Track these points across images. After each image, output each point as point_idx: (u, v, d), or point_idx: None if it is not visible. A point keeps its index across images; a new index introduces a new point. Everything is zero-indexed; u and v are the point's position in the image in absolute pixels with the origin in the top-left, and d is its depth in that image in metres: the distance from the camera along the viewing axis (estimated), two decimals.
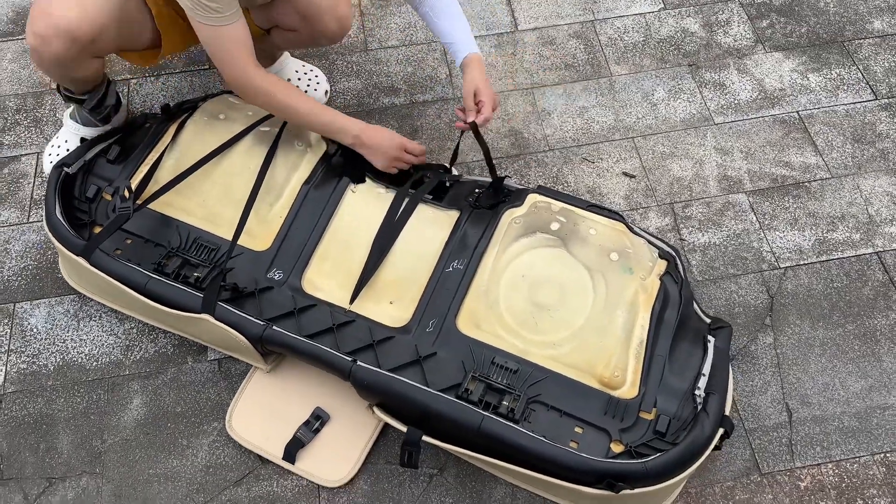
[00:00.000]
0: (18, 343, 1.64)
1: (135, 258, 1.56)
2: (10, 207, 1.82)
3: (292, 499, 1.46)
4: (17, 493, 1.48)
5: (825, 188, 1.81)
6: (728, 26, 2.10)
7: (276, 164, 1.68)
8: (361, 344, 1.47)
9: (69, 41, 1.46)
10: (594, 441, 1.37)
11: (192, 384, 1.59)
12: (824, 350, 1.60)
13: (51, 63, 1.50)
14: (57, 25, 1.44)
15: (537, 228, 1.58)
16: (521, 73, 2.03)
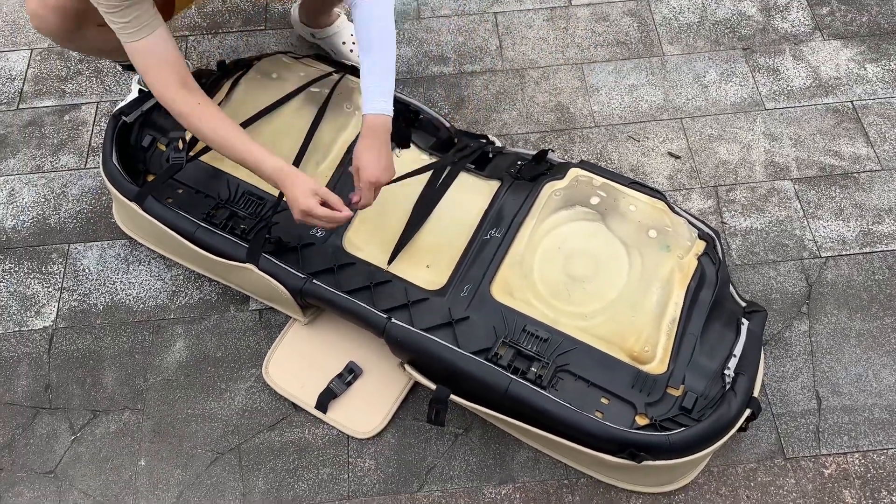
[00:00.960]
0: (71, 282, 1.72)
1: (185, 207, 1.61)
2: (69, 153, 1.90)
3: (322, 447, 1.52)
4: (64, 422, 1.56)
5: (874, 180, 1.79)
6: (787, 11, 2.07)
7: (324, 125, 1.72)
8: (397, 303, 1.51)
9: (61, 15, 1.50)
10: (619, 413, 1.39)
11: (233, 331, 1.65)
12: (860, 341, 1.59)
13: (56, 37, 1.55)
14: (45, 2, 1.49)
15: (577, 202, 1.59)
16: (571, 47, 2.03)
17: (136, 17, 1.36)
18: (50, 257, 1.75)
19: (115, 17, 1.35)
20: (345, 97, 1.76)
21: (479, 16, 2.10)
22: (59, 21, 1.52)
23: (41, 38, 2.08)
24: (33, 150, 1.90)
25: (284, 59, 1.84)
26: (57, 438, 1.54)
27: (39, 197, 1.83)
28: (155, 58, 1.40)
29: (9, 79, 2.02)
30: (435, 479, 1.48)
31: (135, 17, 1.36)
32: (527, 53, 2.03)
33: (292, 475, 1.49)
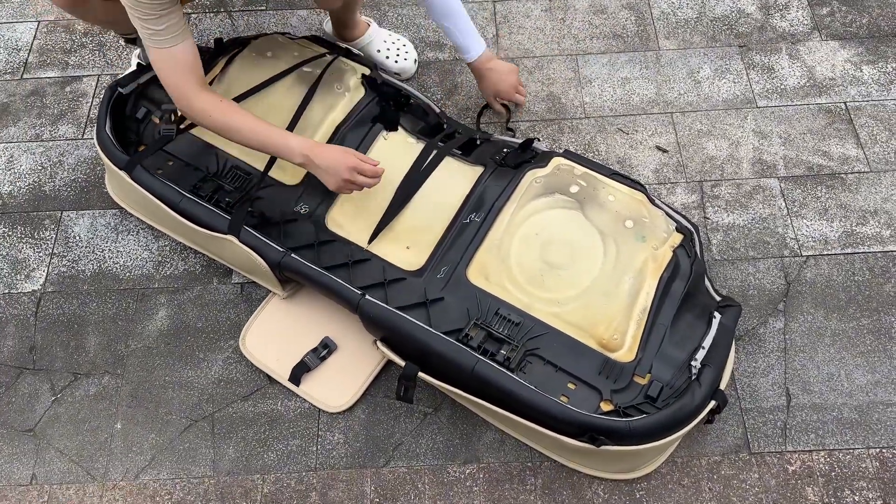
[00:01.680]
0: (61, 248, 1.76)
1: (173, 178, 1.64)
2: (68, 123, 1.94)
3: (293, 419, 1.54)
4: (46, 383, 1.60)
5: (861, 181, 1.78)
6: (786, 10, 2.06)
7: (314, 104, 1.74)
8: (373, 281, 1.53)
9: None
10: (585, 398, 1.40)
11: (214, 303, 1.68)
12: (834, 341, 1.59)
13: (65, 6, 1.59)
14: None
15: (556, 189, 1.61)
16: (567, 38, 2.04)
17: (168, 26, 1.41)
18: (43, 223, 1.79)
19: (149, 24, 1.39)
20: (336, 78, 1.78)
21: (478, 4, 2.11)
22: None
23: (49, 10, 2.13)
24: (34, 119, 1.94)
25: (280, 39, 1.86)
26: (38, 398, 1.58)
27: (37, 165, 1.87)
28: (181, 65, 1.45)
29: (14, 49, 2.06)
30: (401, 456, 1.50)
31: (167, 26, 1.40)
32: (522, 43, 2.04)
33: (262, 445, 1.52)
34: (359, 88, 1.77)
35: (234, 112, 1.49)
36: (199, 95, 1.47)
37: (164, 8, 1.39)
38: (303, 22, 2.09)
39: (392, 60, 1.95)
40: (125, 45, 2.03)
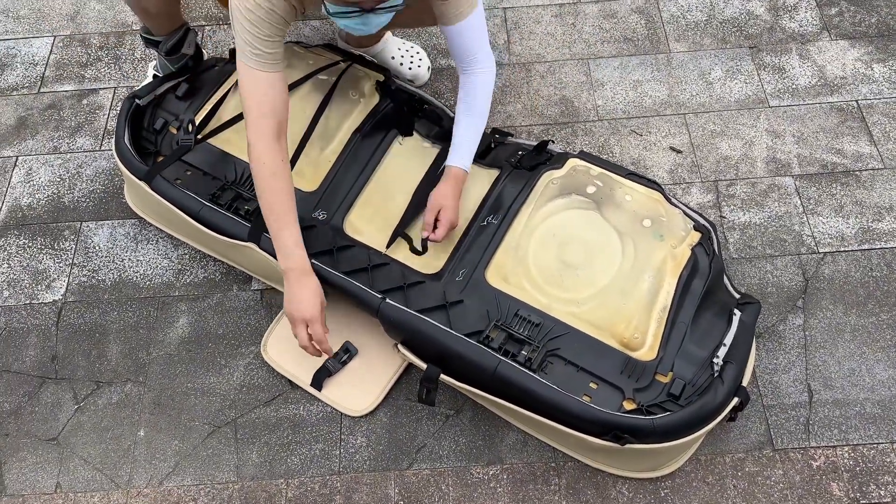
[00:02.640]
0: (81, 258, 1.77)
1: (192, 188, 1.66)
2: (86, 135, 1.96)
3: (316, 423, 1.55)
4: (68, 392, 1.61)
5: (876, 178, 1.78)
6: (795, 11, 2.07)
7: (330, 111, 1.76)
8: (393, 285, 1.54)
9: None
10: (607, 397, 1.41)
11: (234, 310, 1.69)
12: (854, 336, 1.59)
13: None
14: None
15: (573, 190, 1.62)
16: (578, 43, 2.05)
17: (276, 52, 1.41)
18: (62, 234, 1.81)
19: (262, 44, 1.39)
20: (351, 85, 1.80)
21: (488, 11, 2.13)
22: None
23: (64, 25, 2.16)
24: (52, 132, 1.97)
25: (295, 48, 1.88)
26: (61, 407, 1.59)
27: (55, 176, 1.89)
28: (268, 95, 1.42)
29: (32, 64, 2.09)
30: (424, 458, 1.51)
31: (275, 51, 1.41)
32: (534, 48, 2.05)
33: (285, 449, 1.53)
34: (373, 95, 1.79)
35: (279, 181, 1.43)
36: (265, 141, 1.42)
37: (281, 33, 1.41)
38: (315, 32, 2.11)
39: (406, 67, 1.97)
40: (143, 51, 2.06)
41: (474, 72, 1.59)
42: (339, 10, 1.34)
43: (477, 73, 1.59)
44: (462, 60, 1.58)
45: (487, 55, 1.59)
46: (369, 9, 1.32)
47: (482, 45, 1.58)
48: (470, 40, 1.55)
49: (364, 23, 1.38)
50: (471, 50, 1.56)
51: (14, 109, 2.01)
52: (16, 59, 2.10)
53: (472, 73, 1.59)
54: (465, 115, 1.60)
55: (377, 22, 1.39)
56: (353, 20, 1.37)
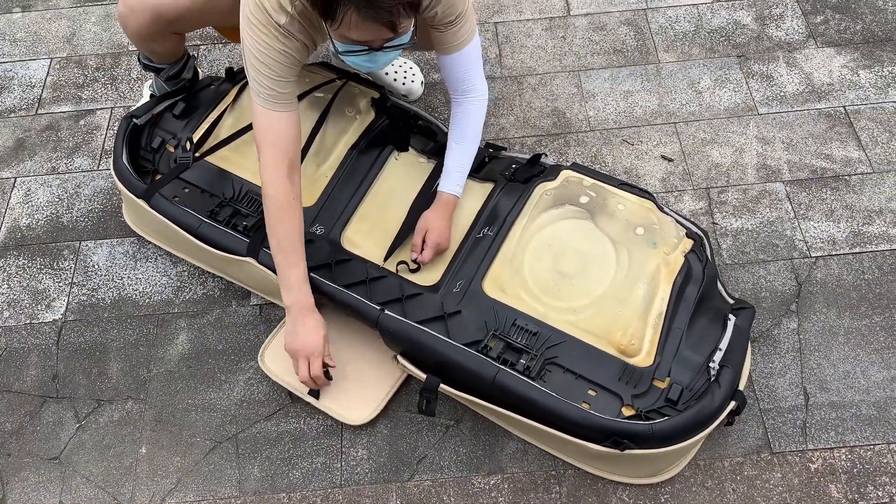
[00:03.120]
0: (81, 277, 1.78)
1: (191, 205, 1.67)
2: (83, 155, 1.97)
3: (316, 436, 1.56)
4: (69, 411, 1.61)
5: (865, 182, 1.81)
6: (781, 20, 2.11)
7: (326, 128, 1.78)
8: (391, 297, 1.55)
9: (154, 16, 1.58)
10: (606, 404, 1.42)
11: (234, 325, 1.70)
12: (848, 339, 1.60)
13: (134, 33, 1.63)
14: (146, 1, 1.57)
15: (566, 201, 1.64)
16: (569, 55, 2.08)
17: (290, 92, 1.44)
18: (62, 254, 1.82)
19: (276, 86, 1.41)
20: (347, 102, 1.82)
21: (480, 25, 2.16)
22: (148, 24, 1.60)
23: (60, 47, 2.18)
24: (49, 153, 1.98)
25: None
26: (62, 426, 1.60)
27: (54, 197, 1.91)
28: (282, 135, 1.44)
29: (29, 86, 2.11)
30: (425, 469, 1.51)
31: (289, 91, 1.44)
32: (525, 61, 2.08)
33: (287, 463, 1.53)
34: (369, 111, 1.81)
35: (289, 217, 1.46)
36: (277, 177, 1.44)
37: (294, 74, 1.43)
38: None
39: (399, 83, 1.99)
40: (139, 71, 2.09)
41: (468, 101, 1.60)
42: (348, 49, 1.36)
43: (470, 101, 1.61)
44: (456, 89, 1.60)
45: (482, 83, 1.61)
46: (377, 48, 1.35)
47: (478, 74, 1.60)
48: (466, 70, 1.58)
49: (371, 60, 1.40)
50: (466, 79, 1.58)
51: (12, 131, 2.02)
52: (13, 82, 2.12)
53: (466, 101, 1.60)
54: (458, 143, 1.62)
55: (384, 60, 1.42)
56: (361, 58, 1.39)
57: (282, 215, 1.46)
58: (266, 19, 1.36)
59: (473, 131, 1.63)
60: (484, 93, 1.62)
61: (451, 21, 1.48)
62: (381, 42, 1.33)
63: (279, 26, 1.37)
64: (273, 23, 1.36)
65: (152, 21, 1.59)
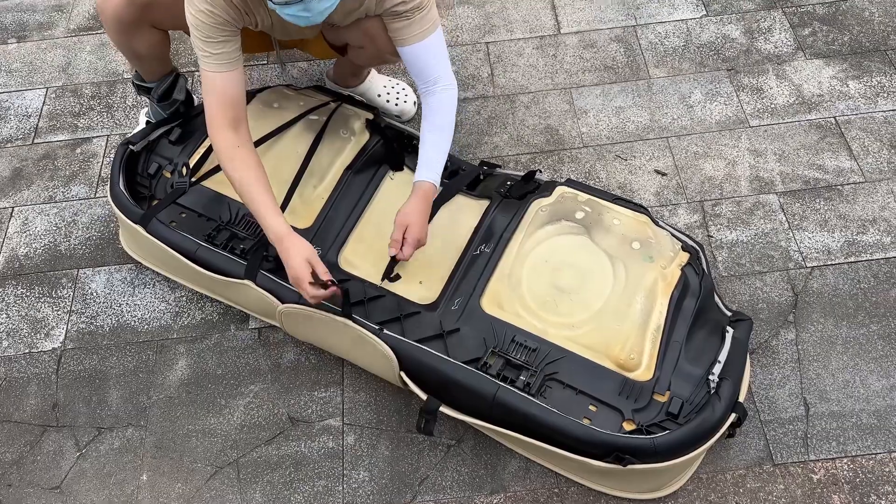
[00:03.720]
0: (79, 305, 1.79)
1: (188, 230, 1.68)
2: (80, 183, 1.98)
3: (318, 459, 1.55)
4: (70, 440, 1.61)
5: (858, 192, 1.82)
6: (769, 33, 2.13)
7: (321, 150, 1.80)
8: (389, 316, 1.56)
9: (129, 4, 1.60)
10: (607, 419, 1.42)
11: (233, 349, 1.70)
12: (847, 348, 1.61)
13: (112, 21, 1.64)
14: None
15: (562, 216, 1.65)
16: (560, 73, 2.10)
17: (225, 52, 1.48)
18: (60, 282, 1.82)
19: (207, 46, 1.47)
20: (341, 124, 1.84)
21: (471, 45, 2.18)
22: (123, 7, 1.61)
23: (56, 76, 2.20)
24: (46, 182, 1.99)
25: (286, 91, 1.93)
26: (63, 455, 1.59)
27: (51, 225, 1.91)
28: (221, 92, 1.50)
29: (25, 115, 2.12)
30: (427, 490, 1.51)
31: (224, 51, 1.48)
32: (517, 80, 2.10)
33: (289, 487, 1.53)
34: (363, 132, 1.83)
35: (238, 161, 1.51)
36: (221, 131, 1.51)
37: (226, 35, 1.47)
38: (304, 73, 2.15)
39: (392, 104, 2.01)
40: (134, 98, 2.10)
41: (438, 89, 1.60)
42: (280, 0, 1.36)
43: (441, 90, 1.60)
44: (425, 80, 1.60)
45: (449, 75, 1.61)
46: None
47: (444, 65, 1.60)
48: (433, 60, 1.58)
49: (306, 9, 1.39)
50: (433, 70, 1.58)
51: (9, 161, 2.03)
52: (9, 112, 2.13)
53: (437, 90, 1.60)
54: (431, 133, 1.59)
55: (319, 8, 1.41)
56: (294, 8, 1.38)
57: (233, 163, 1.50)
58: None
59: (448, 121, 1.60)
60: (453, 83, 1.61)
61: (412, 8, 1.50)
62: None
63: None
64: None
65: (126, 4, 1.60)
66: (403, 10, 1.51)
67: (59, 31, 2.31)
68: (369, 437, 1.58)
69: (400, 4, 1.50)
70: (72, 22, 2.33)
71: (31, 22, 2.33)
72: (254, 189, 1.50)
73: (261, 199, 1.50)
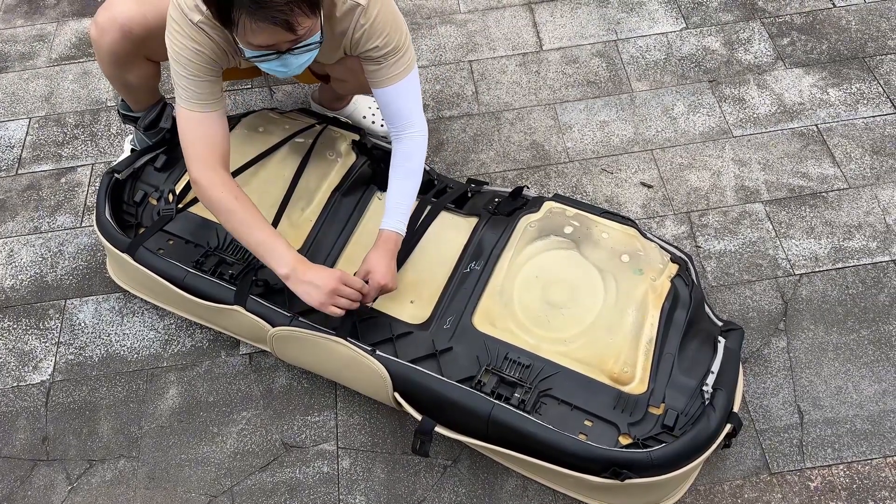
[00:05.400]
0: (67, 336, 1.77)
1: (175, 257, 1.67)
2: (66, 213, 1.97)
3: (313, 485, 1.54)
4: (61, 473, 1.58)
5: (842, 198, 1.84)
6: (749, 44, 2.16)
7: (308, 173, 1.79)
8: (381, 337, 1.55)
9: (124, 33, 1.59)
10: (603, 434, 1.41)
11: (224, 376, 1.68)
12: (838, 354, 1.62)
13: (107, 54, 1.63)
14: (114, 19, 1.58)
15: (551, 231, 1.65)
16: (544, 89, 2.12)
17: (210, 92, 1.47)
18: (47, 313, 1.80)
19: (189, 83, 1.45)
20: (327, 146, 1.84)
21: (454, 65, 2.20)
22: (119, 41, 1.60)
23: (39, 106, 2.19)
24: (31, 213, 1.98)
25: (271, 115, 1.92)
26: (54, 489, 1.57)
27: (37, 256, 1.90)
28: (209, 133, 1.48)
29: (8, 147, 2.11)
30: None
31: (209, 91, 1.47)
32: (501, 97, 2.11)
33: None
34: (350, 154, 1.83)
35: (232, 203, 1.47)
36: (212, 173, 1.48)
37: (211, 73, 1.46)
38: (288, 96, 2.16)
39: (378, 125, 2.01)
40: (119, 126, 2.10)
41: (407, 136, 1.59)
42: (255, 55, 1.37)
43: (409, 137, 1.59)
44: (394, 124, 1.59)
45: (420, 120, 1.60)
46: (285, 50, 1.36)
47: (416, 109, 1.59)
48: (404, 104, 1.57)
49: (284, 64, 1.40)
50: (404, 114, 1.57)
51: None
52: None
53: (407, 137, 1.59)
54: (399, 180, 1.59)
55: (297, 63, 1.41)
56: (271, 63, 1.39)
57: (220, 205, 1.47)
58: (182, 18, 1.40)
59: (414, 167, 1.60)
60: (423, 128, 1.60)
61: (386, 53, 1.50)
62: (286, 45, 1.35)
63: (193, 24, 1.40)
64: (188, 21, 1.40)
65: (122, 38, 1.60)
66: (377, 56, 1.51)
67: (40, 61, 2.30)
68: (364, 460, 1.56)
69: (374, 50, 1.50)
70: (53, 51, 2.32)
71: (13, 52, 2.33)
72: (257, 229, 1.47)
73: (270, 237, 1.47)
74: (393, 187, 1.59)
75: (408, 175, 1.60)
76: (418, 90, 1.60)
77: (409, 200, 1.60)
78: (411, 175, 1.60)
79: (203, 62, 1.44)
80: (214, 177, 1.48)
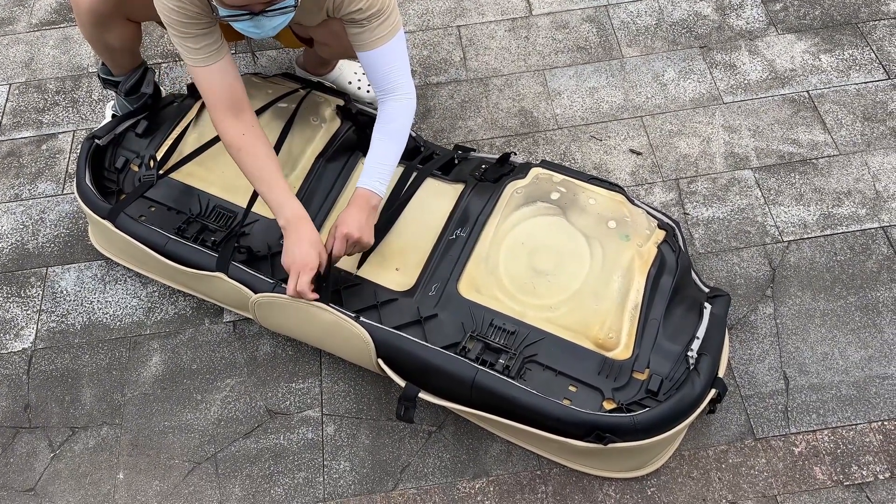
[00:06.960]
0: (49, 304, 1.75)
1: (157, 223, 1.65)
2: (47, 180, 1.94)
3: (297, 451, 1.53)
4: (43, 441, 1.57)
5: (832, 165, 1.82)
6: (741, 9, 2.12)
7: (292, 138, 1.76)
8: (366, 304, 1.54)
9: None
10: (587, 399, 1.41)
11: (208, 344, 1.67)
12: (825, 321, 1.61)
13: (86, 14, 1.59)
14: None
15: (538, 198, 1.63)
16: (533, 55, 2.08)
17: (206, 45, 1.46)
18: (28, 281, 1.78)
19: (186, 41, 1.44)
20: (311, 111, 1.81)
21: (442, 30, 2.16)
22: (100, 1, 1.57)
23: (19, 72, 2.14)
24: (11, 180, 1.95)
25: (254, 79, 1.89)
26: (36, 456, 1.56)
27: (18, 224, 1.87)
28: (215, 84, 1.49)
29: None
30: (409, 477, 1.49)
31: (205, 45, 1.45)
32: (490, 63, 2.08)
33: (268, 480, 1.51)
34: (334, 119, 1.80)
35: (245, 152, 1.49)
36: (222, 122, 1.50)
37: (203, 27, 1.44)
38: (272, 62, 2.12)
39: (364, 91, 1.98)
40: (100, 93, 2.06)
41: (391, 99, 1.55)
42: (228, 14, 1.34)
43: (394, 100, 1.55)
44: (380, 88, 1.55)
45: (408, 84, 1.56)
46: (258, 12, 1.34)
47: (402, 73, 1.55)
48: (389, 67, 1.53)
49: (256, 26, 1.38)
50: (389, 77, 1.54)
51: None
52: None
53: (390, 100, 1.55)
54: (380, 140, 1.55)
55: (270, 25, 1.39)
56: (244, 23, 1.37)
57: (243, 153, 1.49)
58: None
59: (396, 128, 1.56)
60: (410, 92, 1.57)
61: (370, 16, 1.47)
62: (259, 6, 1.33)
63: None
64: None
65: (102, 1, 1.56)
66: (360, 18, 1.47)
67: (20, 26, 2.25)
68: (349, 426, 1.56)
69: (357, 12, 1.47)
70: (34, 16, 2.28)
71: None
72: (269, 178, 1.49)
73: (276, 186, 1.49)
74: (372, 147, 1.56)
75: (389, 135, 1.56)
76: (405, 53, 1.56)
77: (389, 162, 1.55)
78: (393, 136, 1.56)
79: (189, 18, 1.42)
80: (226, 121, 1.50)
